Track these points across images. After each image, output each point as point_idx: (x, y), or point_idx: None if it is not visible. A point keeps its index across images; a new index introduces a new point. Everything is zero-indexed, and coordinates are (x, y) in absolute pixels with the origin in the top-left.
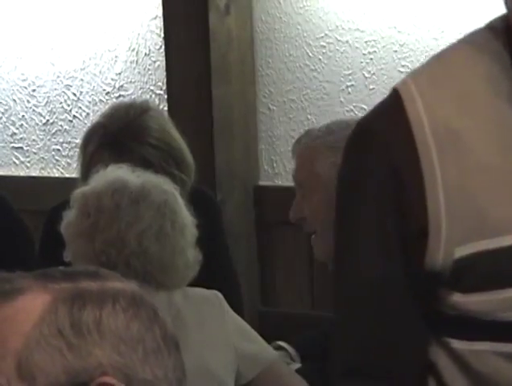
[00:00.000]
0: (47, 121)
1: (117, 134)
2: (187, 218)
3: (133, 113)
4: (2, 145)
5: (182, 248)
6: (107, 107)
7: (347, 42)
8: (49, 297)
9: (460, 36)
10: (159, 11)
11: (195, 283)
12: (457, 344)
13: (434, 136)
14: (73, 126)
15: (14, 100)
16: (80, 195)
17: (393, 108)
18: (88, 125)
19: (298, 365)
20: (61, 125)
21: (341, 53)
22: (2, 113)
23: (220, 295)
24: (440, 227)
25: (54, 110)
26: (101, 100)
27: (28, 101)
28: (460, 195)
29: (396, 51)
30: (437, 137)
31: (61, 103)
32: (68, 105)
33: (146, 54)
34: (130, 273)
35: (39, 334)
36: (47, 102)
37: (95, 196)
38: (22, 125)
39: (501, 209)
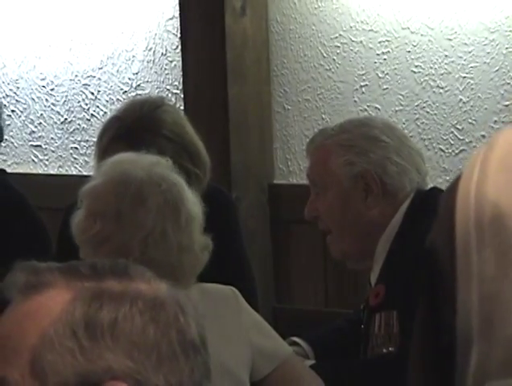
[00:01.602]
0: (65, 119)
1: (131, 126)
2: (191, 209)
3: (147, 107)
4: (21, 143)
5: (186, 246)
6: (123, 103)
7: (361, 42)
8: (70, 296)
9: (471, 37)
10: (176, 12)
11: (211, 279)
12: None
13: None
14: (91, 125)
15: (33, 99)
16: (86, 193)
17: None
18: None
19: (312, 361)
20: (79, 124)
21: (355, 53)
22: (21, 112)
23: (236, 291)
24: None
25: (72, 109)
26: (118, 100)
27: (47, 100)
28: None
29: (409, 52)
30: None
31: (79, 102)
32: (86, 104)
33: (162, 54)
34: None
35: (54, 334)
36: (65, 101)
37: (99, 198)
38: (40, 124)
39: None
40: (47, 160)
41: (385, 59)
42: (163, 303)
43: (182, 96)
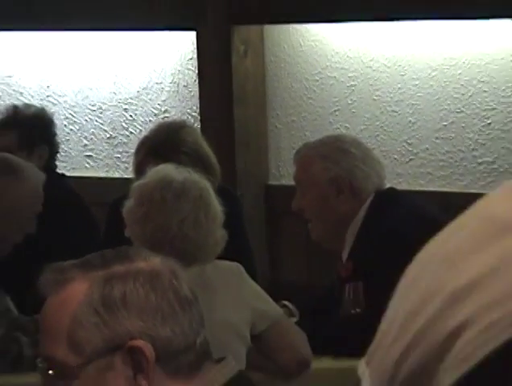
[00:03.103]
0: (111, 135)
1: (158, 145)
2: (217, 207)
3: (172, 128)
4: (77, 153)
5: (212, 232)
6: (153, 123)
7: (334, 77)
8: (87, 285)
9: (418, 73)
10: (194, 54)
11: (222, 257)
12: None
13: None
14: (130, 140)
15: (86, 120)
16: (137, 187)
17: None
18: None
19: (296, 319)
20: (121, 139)
21: (330, 86)
22: (77, 130)
23: (241, 267)
24: None
25: (115, 128)
26: (150, 120)
27: (96, 121)
28: None
29: (371, 85)
30: None
31: (121, 122)
32: (126, 124)
33: (184, 86)
34: (172, 252)
35: (81, 315)
36: (110, 122)
37: (148, 190)
38: (91, 139)
39: None
40: (97, 166)
41: (353, 90)
42: (158, 274)
43: (199, 118)
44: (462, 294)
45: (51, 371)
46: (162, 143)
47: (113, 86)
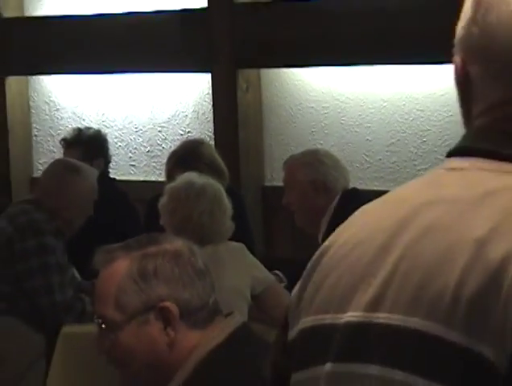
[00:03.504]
0: (149, 150)
1: (184, 158)
2: (227, 203)
3: (193, 145)
4: (124, 163)
5: (223, 221)
6: (180, 141)
7: (312, 107)
8: (128, 261)
9: (373, 104)
10: (210, 90)
11: (231, 239)
12: None
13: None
14: (163, 153)
15: (131, 139)
16: (169, 189)
17: None
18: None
19: (284, 284)
20: (156, 153)
21: (310, 113)
22: (125, 146)
23: (244, 246)
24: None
25: (152, 144)
26: (178, 139)
27: (138, 139)
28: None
29: (339, 112)
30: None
31: (156, 140)
32: (160, 142)
33: (202, 114)
34: (193, 236)
35: (124, 284)
36: (148, 140)
37: (176, 190)
38: (135, 153)
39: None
40: (138, 172)
41: (325, 117)
42: (180, 253)
43: (213, 137)
44: (487, 239)
45: (103, 326)
46: (186, 155)
47: (151, 114)
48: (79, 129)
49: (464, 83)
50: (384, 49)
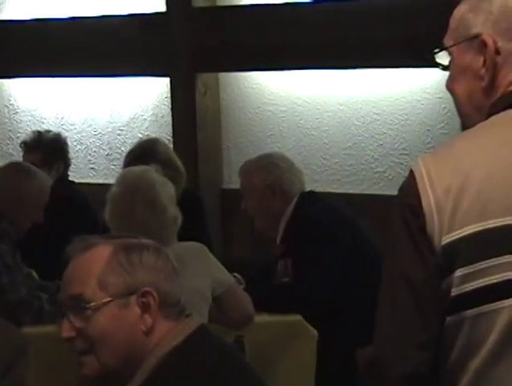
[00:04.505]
0: (108, 153)
1: (140, 156)
2: (165, 198)
3: (150, 143)
4: (83, 166)
5: (168, 222)
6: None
7: (270, 110)
8: (112, 247)
9: (330, 107)
10: (169, 94)
11: (191, 240)
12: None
13: (433, 191)
14: (122, 156)
15: (90, 142)
16: (112, 196)
17: (409, 182)
18: None
19: (243, 286)
20: (115, 156)
21: (267, 116)
22: (84, 150)
23: (205, 247)
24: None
25: (112, 147)
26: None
27: (97, 142)
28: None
29: (296, 115)
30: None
31: (115, 143)
32: (119, 145)
33: (161, 117)
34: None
35: (110, 264)
36: (107, 143)
37: (114, 198)
38: (94, 156)
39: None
40: (98, 175)
41: (283, 120)
42: (159, 248)
43: (172, 140)
44: None
45: (77, 306)
46: (142, 154)
47: (110, 117)
48: (39, 133)
49: (494, 59)
50: (341, 53)
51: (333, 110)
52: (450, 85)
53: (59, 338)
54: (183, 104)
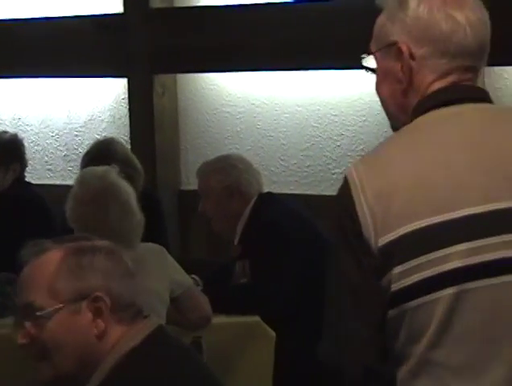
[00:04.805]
0: (65, 154)
1: (97, 156)
2: (135, 205)
3: (106, 143)
4: (40, 167)
5: (135, 224)
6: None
7: (228, 112)
8: (62, 252)
9: (288, 109)
10: (126, 95)
11: (149, 241)
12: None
13: (365, 197)
14: (79, 157)
15: (47, 143)
16: (76, 193)
17: (343, 189)
18: None
19: (201, 287)
20: (72, 157)
21: (225, 118)
22: (41, 150)
23: (163, 248)
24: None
25: (69, 148)
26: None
27: (54, 144)
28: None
29: (255, 117)
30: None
31: (73, 144)
32: (77, 146)
33: (119, 118)
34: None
35: (59, 271)
36: (65, 144)
37: (82, 196)
38: (51, 157)
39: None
40: (55, 176)
41: (241, 121)
42: (112, 250)
43: (130, 141)
44: None
45: (30, 313)
46: (99, 153)
47: (67, 118)
48: None
49: (409, 64)
50: (299, 54)
51: (291, 111)
52: (376, 88)
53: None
54: (140, 105)
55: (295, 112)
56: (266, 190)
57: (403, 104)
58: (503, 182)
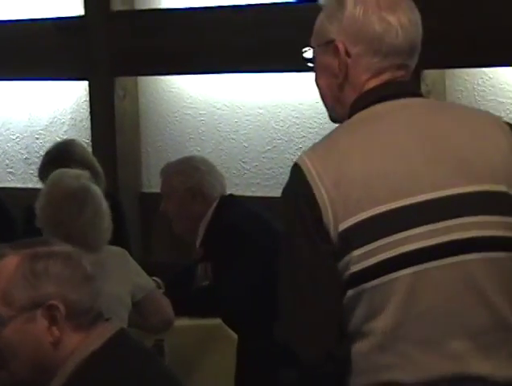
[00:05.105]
0: (26, 157)
1: (56, 157)
2: (106, 208)
3: (65, 144)
4: (1, 170)
5: (105, 228)
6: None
7: (189, 114)
8: (19, 258)
9: (250, 111)
10: (87, 98)
11: (111, 243)
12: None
13: (323, 184)
14: (40, 160)
15: (8, 146)
16: (46, 194)
17: (298, 175)
18: None
19: (163, 290)
20: (34, 160)
21: (187, 120)
22: (1, 153)
23: (126, 251)
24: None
25: (30, 151)
26: None
27: (15, 146)
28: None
29: (216, 119)
30: (323, 182)
31: (34, 147)
32: (38, 149)
33: (80, 121)
34: (77, 244)
35: (15, 278)
36: (26, 147)
37: (54, 197)
38: (12, 160)
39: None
40: (16, 179)
41: (202, 123)
42: (70, 256)
43: (91, 144)
44: None
45: None
46: (58, 154)
47: (28, 121)
48: None
49: (345, 61)
50: (260, 57)
51: (252, 114)
52: (316, 80)
53: None
54: (101, 107)
55: (256, 114)
56: (227, 192)
57: (339, 97)
58: (453, 170)
